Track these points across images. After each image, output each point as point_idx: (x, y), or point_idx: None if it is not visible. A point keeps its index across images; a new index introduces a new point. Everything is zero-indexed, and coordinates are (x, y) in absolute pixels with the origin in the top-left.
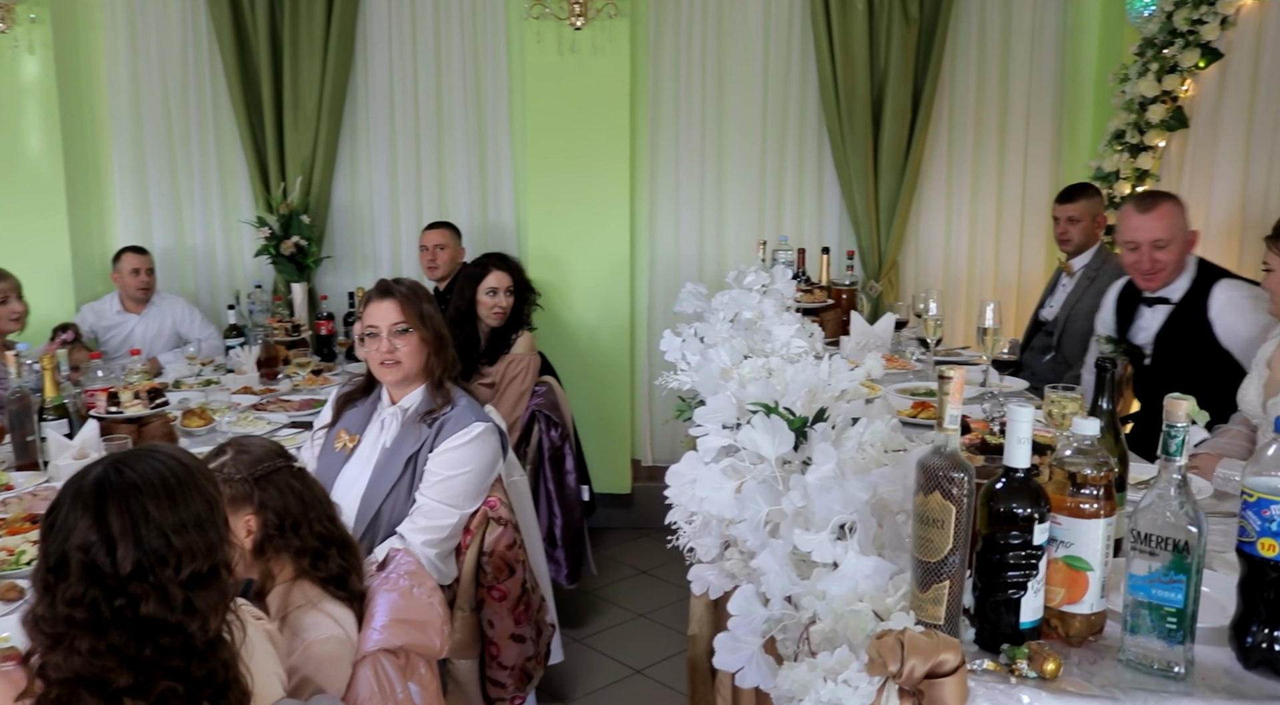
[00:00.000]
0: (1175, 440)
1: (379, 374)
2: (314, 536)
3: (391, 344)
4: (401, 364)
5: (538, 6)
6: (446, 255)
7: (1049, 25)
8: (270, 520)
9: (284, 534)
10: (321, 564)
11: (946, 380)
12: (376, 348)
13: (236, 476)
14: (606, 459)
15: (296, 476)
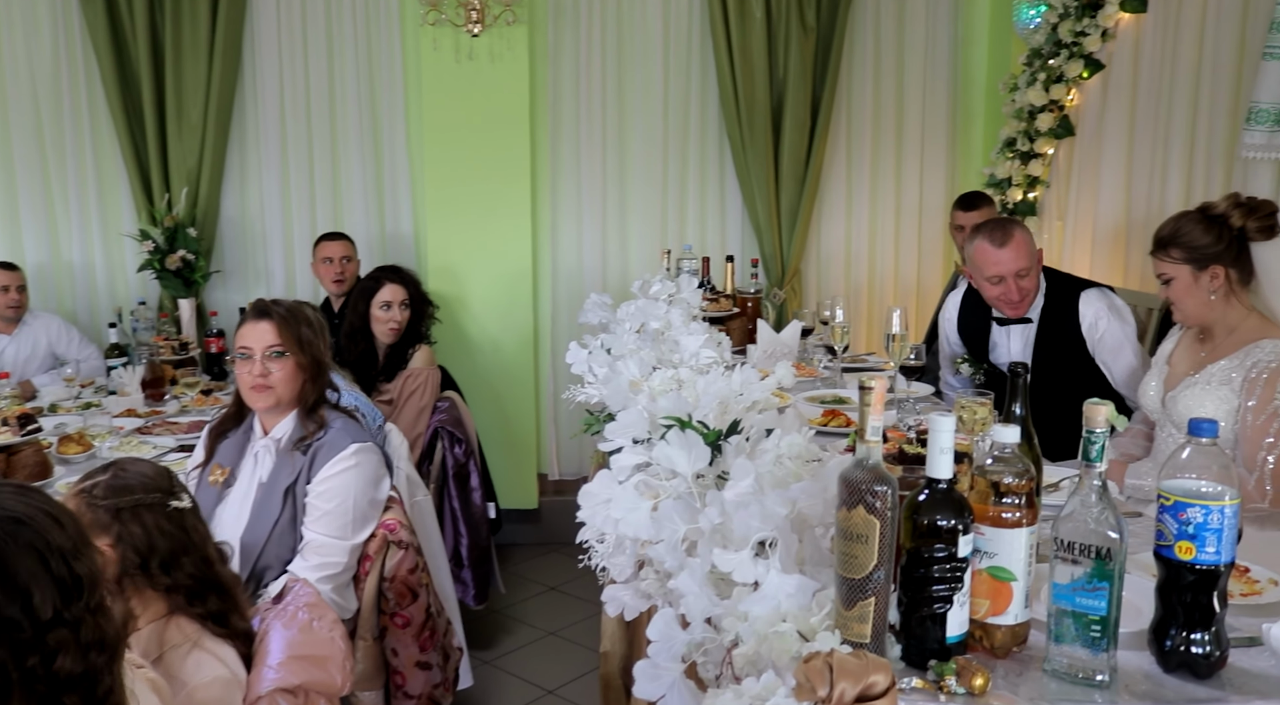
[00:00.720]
0: (1095, 446)
1: (249, 399)
2: (186, 577)
3: (265, 367)
4: (274, 389)
5: (433, 13)
6: (354, 267)
7: (941, 35)
8: (129, 557)
9: (148, 573)
10: (197, 602)
11: (867, 391)
12: (248, 370)
13: (100, 502)
14: (512, 474)
15: (170, 517)
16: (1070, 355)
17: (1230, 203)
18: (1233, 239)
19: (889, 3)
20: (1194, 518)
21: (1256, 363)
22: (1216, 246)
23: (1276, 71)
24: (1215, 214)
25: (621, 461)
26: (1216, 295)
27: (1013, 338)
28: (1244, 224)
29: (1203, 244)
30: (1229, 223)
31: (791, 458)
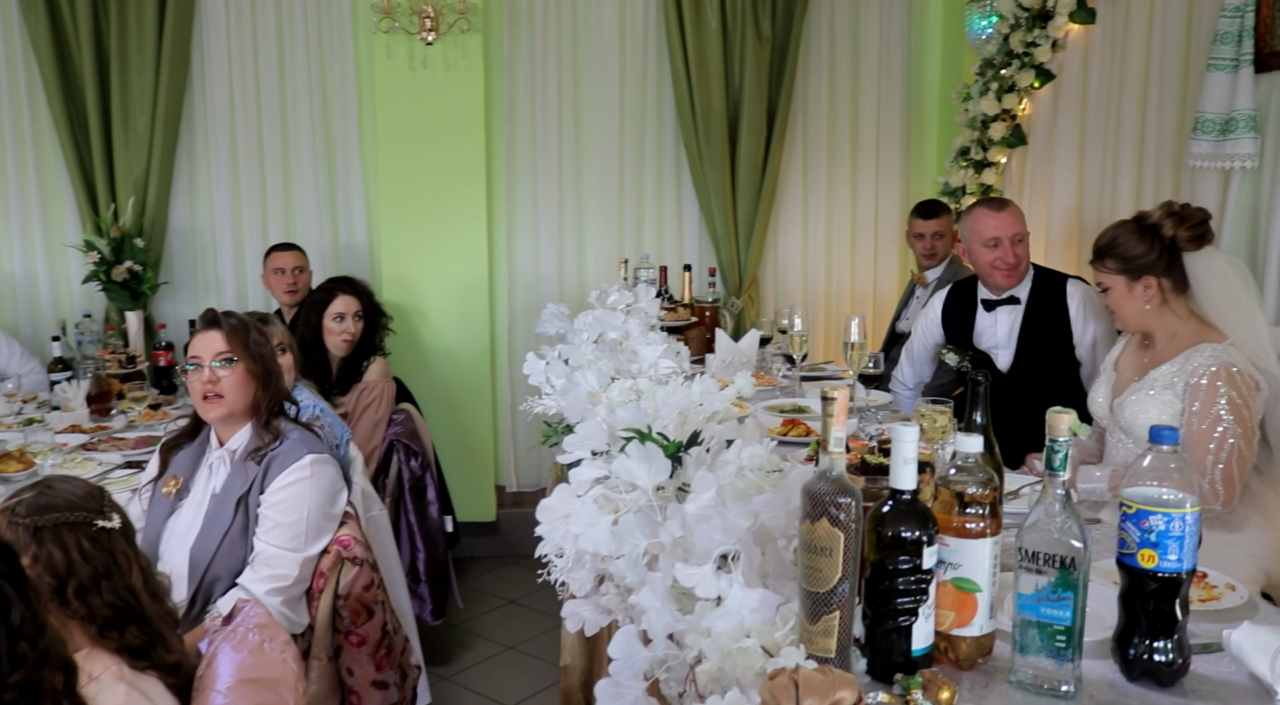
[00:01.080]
0: (1059, 455)
1: (202, 410)
2: (105, 606)
3: (214, 375)
4: (225, 398)
5: (386, 20)
6: (306, 278)
7: (894, 45)
8: (45, 580)
9: (63, 599)
10: (113, 634)
11: (830, 401)
12: (199, 379)
13: (21, 520)
14: (470, 486)
15: (95, 538)
16: (1055, 339)
17: (1164, 212)
18: (1164, 249)
19: (843, 13)
20: (1156, 525)
21: (1196, 367)
22: (1148, 257)
23: (1221, 82)
24: (1149, 224)
25: (580, 475)
26: (1151, 304)
27: (999, 321)
28: (1175, 233)
29: (1135, 254)
30: (1161, 233)
31: (753, 469)
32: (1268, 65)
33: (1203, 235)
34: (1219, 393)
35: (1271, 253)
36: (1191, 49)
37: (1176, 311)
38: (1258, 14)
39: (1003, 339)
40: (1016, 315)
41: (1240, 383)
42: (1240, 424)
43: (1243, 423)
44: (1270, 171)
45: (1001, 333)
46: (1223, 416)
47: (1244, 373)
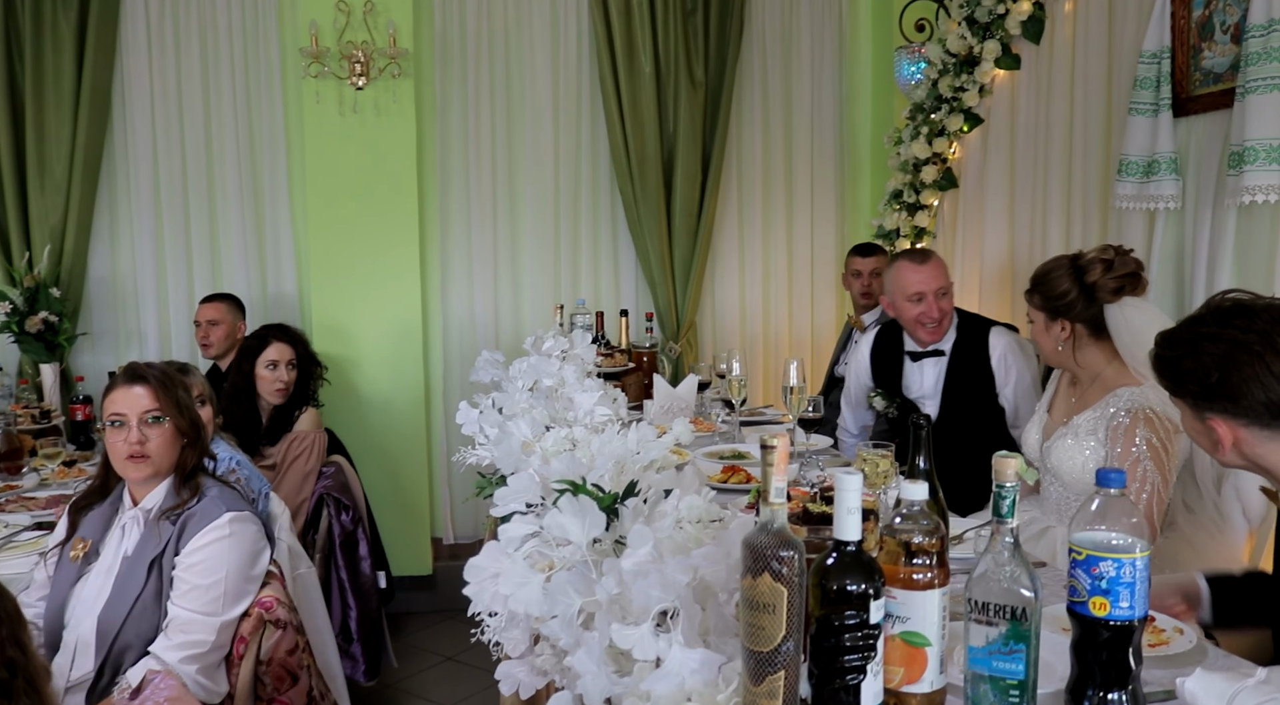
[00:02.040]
0: (1005, 501)
1: (123, 470)
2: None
3: (142, 435)
4: (151, 458)
5: (316, 64)
6: (221, 332)
7: (826, 91)
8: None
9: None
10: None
11: (769, 449)
12: (123, 439)
13: None
14: (405, 539)
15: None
16: (979, 390)
17: (1096, 255)
18: (1085, 294)
19: (775, 58)
20: (1106, 572)
21: (1115, 412)
22: (1067, 299)
23: (1142, 126)
24: (1080, 265)
25: (510, 532)
26: (1064, 346)
27: (925, 372)
28: (1098, 280)
29: (1056, 295)
30: (1086, 278)
31: (691, 521)
32: (1185, 110)
33: (1122, 288)
34: (1136, 436)
35: (1197, 291)
36: (1113, 93)
37: (1097, 353)
38: (1173, 60)
39: (929, 390)
40: (941, 367)
41: (1158, 425)
42: (1159, 466)
43: (1160, 465)
44: (1192, 212)
45: (928, 384)
46: (1141, 459)
47: (1161, 416)
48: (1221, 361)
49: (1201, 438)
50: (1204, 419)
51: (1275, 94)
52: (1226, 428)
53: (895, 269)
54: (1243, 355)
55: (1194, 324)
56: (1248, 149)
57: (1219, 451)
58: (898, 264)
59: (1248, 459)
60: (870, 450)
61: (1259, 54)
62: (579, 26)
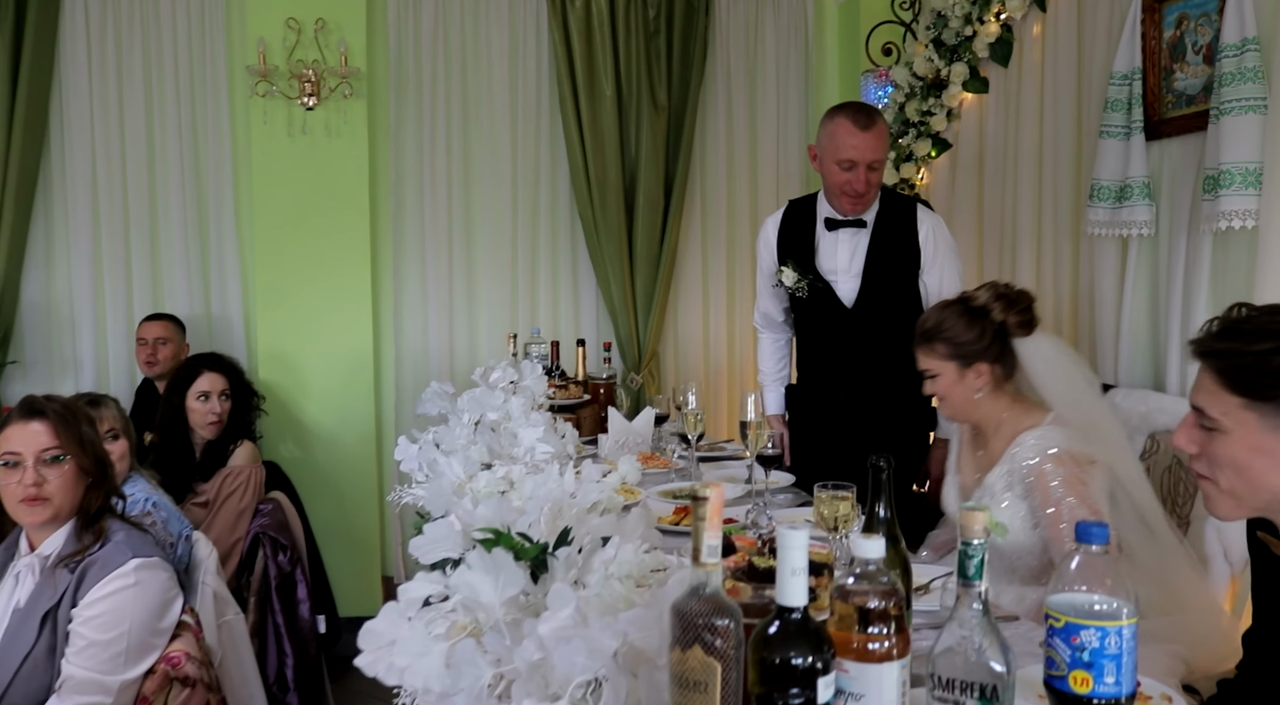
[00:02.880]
0: (973, 560)
1: (18, 514)
2: None
3: (39, 475)
4: (50, 501)
5: (264, 84)
6: (169, 351)
7: (792, 115)
8: None
9: None
10: None
11: (701, 501)
12: (18, 481)
13: None
14: (354, 578)
15: None
16: (903, 268)
17: (991, 295)
18: (995, 335)
19: (740, 82)
20: (1089, 642)
21: (1022, 465)
22: (980, 343)
23: (1114, 149)
24: (977, 307)
25: (410, 592)
26: (982, 393)
27: (840, 244)
28: (1005, 318)
29: (966, 341)
30: (991, 317)
31: (622, 578)
32: (1158, 133)
33: (1030, 321)
34: (1049, 477)
35: (1173, 321)
36: (1083, 116)
37: (1000, 399)
38: (1145, 82)
39: (845, 264)
40: (861, 239)
41: (1067, 461)
42: (1082, 500)
43: (1083, 497)
44: (1166, 238)
45: (843, 257)
46: (1062, 500)
47: (1065, 453)
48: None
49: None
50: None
51: (1250, 116)
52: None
53: (834, 125)
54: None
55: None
56: (1223, 172)
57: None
58: (838, 120)
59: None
60: (828, 491)
61: (1233, 75)
62: (538, 47)
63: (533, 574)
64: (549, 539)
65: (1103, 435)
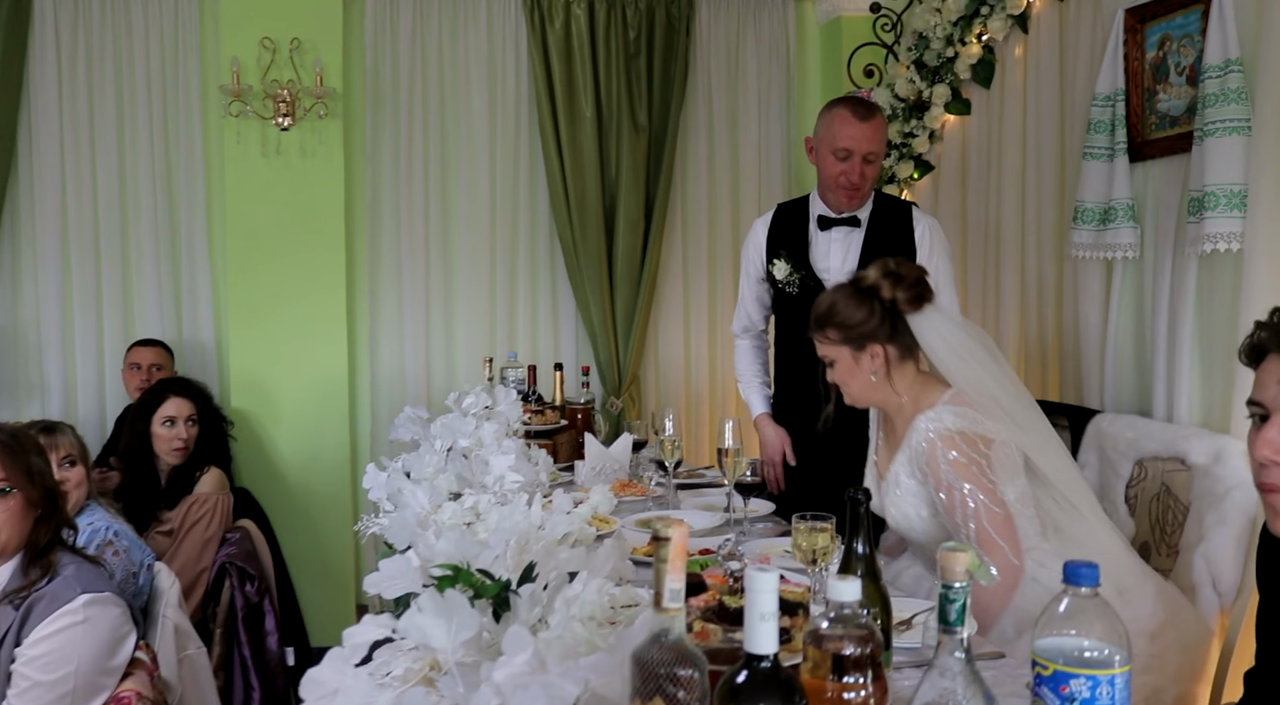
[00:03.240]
0: (955, 605)
1: None
2: None
3: None
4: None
5: (237, 103)
6: (164, 376)
7: (774, 136)
8: None
9: None
10: None
11: (664, 542)
12: None
13: None
14: (328, 607)
15: None
16: None
17: (880, 272)
18: (885, 313)
19: (721, 103)
20: (1079, 692)
21: (917, 449)
22: (870, 323)
23: (1097, 171)
24: (866, 286)
25: (355, 638)
26: (877, 375)
27: (834, 243)
28: (894, 295)
29: (857, 322)
30: (880, 295)
31: (584, 619)
32: (1142, 155)
33: (921, 295)
34: (940, 462)
35: (1159, 344)
36: (1066, 138)
37: (901, 381)
38: (1128, 103)
39: (836, 263)
40: (855, 238)
41: (959, 441)
42: (974, 481)
43: (975, 479)
44: (1151, 261)
45: (836, 256)
46: (955, 484)
47: (960, 433)
48: None
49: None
50: None
51: (1234, 137)
52: None
53: (832, 115)
54: None
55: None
56: (1207, 194)
57: None
58: (837, 111)
59: None
60: (807, 523)
61: (1216, 96)
62: (517, 68)
63: (495, 613)
64: (514, 574)
65: (1009, 411)
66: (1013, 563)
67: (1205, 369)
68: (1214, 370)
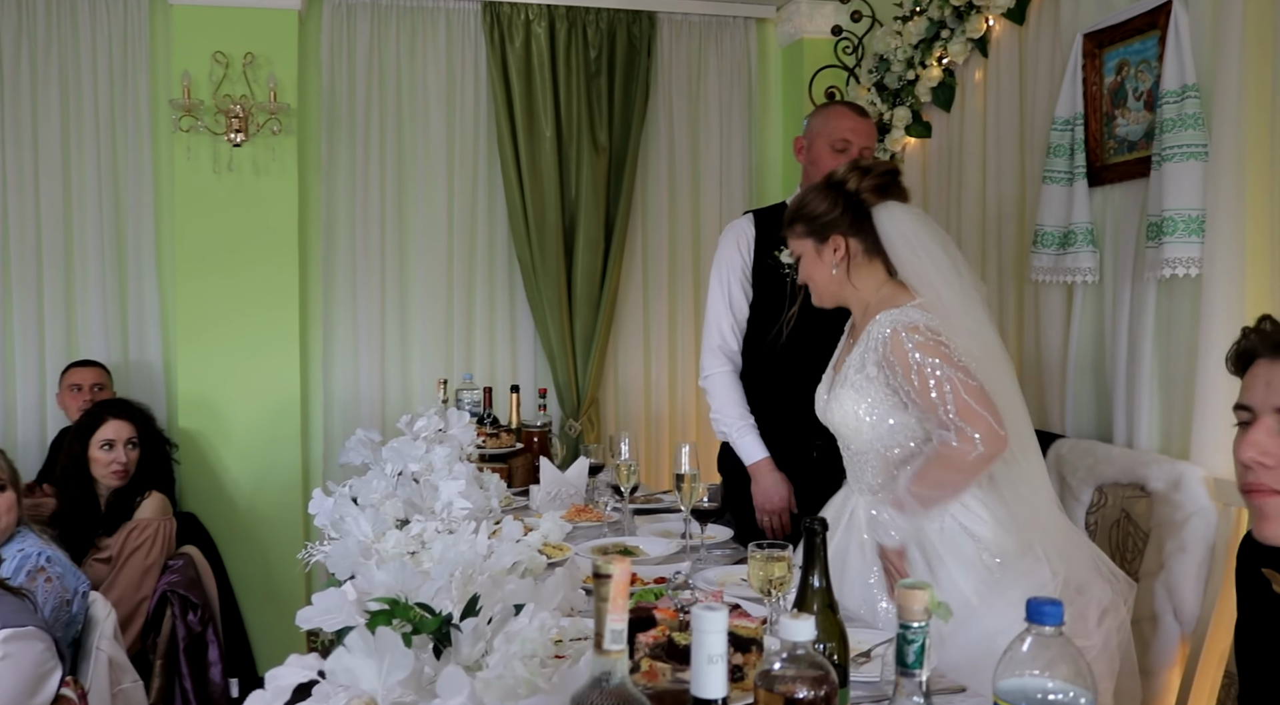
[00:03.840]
0: (913, 646)
1: None
2: None
3: None
4: None
5: (188, 118)
6: (106, 396)
7: (735, 156)
8: None
9: None
10: None
11: (604, 579)
12: None
13: None
14: (276, 634)
15: None
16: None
17: (849, 166)
18: (848, 204)
19: (682, 124)
20: None
21: (876, 339)
22: (832, 214)
23: (1057, 195)
24: (834, 180)
25: (278, 680)
26: (839, 269)
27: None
28: (859, 186)
29: (820, 213)
30: (846, 187)
31: (524, 658)
32: (1101, 179)
33: (886, 186)
34: (905, 344)
35: (1119, 369)
36: (1026, 162)
37: (867, 279)
38: (1086, 128)
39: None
40: None
41: (923, 330)
42: (944, 358)
43: (945, 357)
44: (1111, 285)
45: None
46: (924, 362)
47: (923, 326)
48: None
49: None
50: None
51: (1192, 162)
52: None
53: (829, 112)
54: None
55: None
56: (1166, 219)
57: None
58: (832, 108)
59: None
60: (763, 552)
61: (1174, 121)
62: (476, 87)
63: (435, 648)
64: (458, 607)
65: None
66: (998, 432)
67: (1165, 394)
68: (1173, 395)
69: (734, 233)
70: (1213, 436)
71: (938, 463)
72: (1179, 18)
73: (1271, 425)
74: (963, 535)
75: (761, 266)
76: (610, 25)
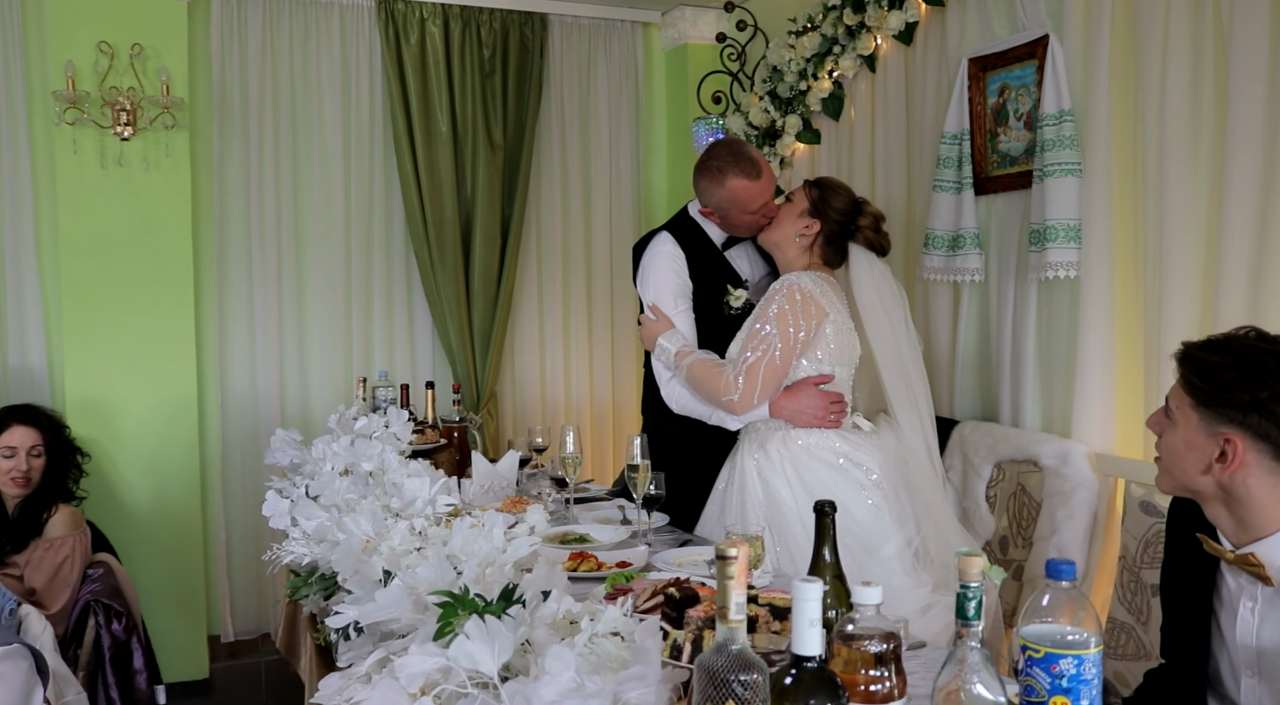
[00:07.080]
0: (972, 602)
1: None
2: None
3: None
4: None
5: (73, 111)
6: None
7: (624, 154)
8: None
9: None
10: None
11: (727, 561)
12: None
13: None
14: (178, 641)
15: None
16: None
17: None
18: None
19: (574, 122)
20: (1067, 670)
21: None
22: (835, 216)
23: (947, 202)
24: (859, 203)
25: (412, 667)
26: (801, 239)
27: (739, 258)
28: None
29: (833, 206)
30: (861, 211)
31: (607, 634)
32: (986, 188)
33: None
34: (773, 304)
35: (1004, 361)
36: (913, 169)
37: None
38: (973, 143)
39: (747, 270)
40: (749, 246)
41: (797, 297)
42: (782, 336)
43: (785, 337)
44: (996, 285)
45: (745, 266)
46: (770, 320)
47: (807, 293)
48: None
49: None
50: (1219, 432)
51: (1070, 178)
52: (1243, 446)
53: (730, 186)
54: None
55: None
56: (1048, 228)
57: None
58: (734, 182)
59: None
60: (737, 533)
61: (1053, 141)
62: (372, 83)
63: None
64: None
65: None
66: (750, 403)
67: (1046, 381)
68: (1054, 382)
69: (663, 258)
70: (1090, 417)
71: (711, 375)
72: (1055, 50)
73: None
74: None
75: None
76: (504, 26)
